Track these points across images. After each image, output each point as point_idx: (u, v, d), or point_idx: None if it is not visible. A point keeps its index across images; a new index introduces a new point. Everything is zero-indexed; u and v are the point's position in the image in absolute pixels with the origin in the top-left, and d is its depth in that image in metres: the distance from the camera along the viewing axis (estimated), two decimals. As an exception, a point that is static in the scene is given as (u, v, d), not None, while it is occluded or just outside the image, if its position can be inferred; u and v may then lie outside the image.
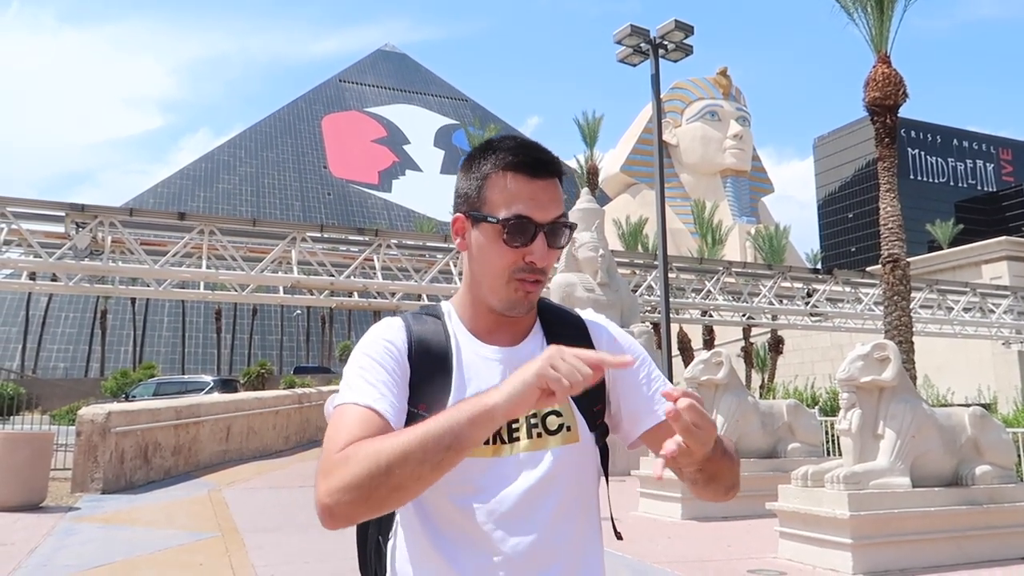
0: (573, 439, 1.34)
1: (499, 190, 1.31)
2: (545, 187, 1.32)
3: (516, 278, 1.31)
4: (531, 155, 1.32)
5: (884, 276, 18.43)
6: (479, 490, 1.28)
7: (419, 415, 1.26)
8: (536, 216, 1.29)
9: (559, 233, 1.32)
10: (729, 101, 66.95)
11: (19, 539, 7.36)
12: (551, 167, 1.33)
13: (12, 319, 68.44)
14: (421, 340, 1.33)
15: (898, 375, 6.79)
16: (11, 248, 19.97)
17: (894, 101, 18.18)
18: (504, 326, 1.38)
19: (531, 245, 1.30)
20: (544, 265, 1.32)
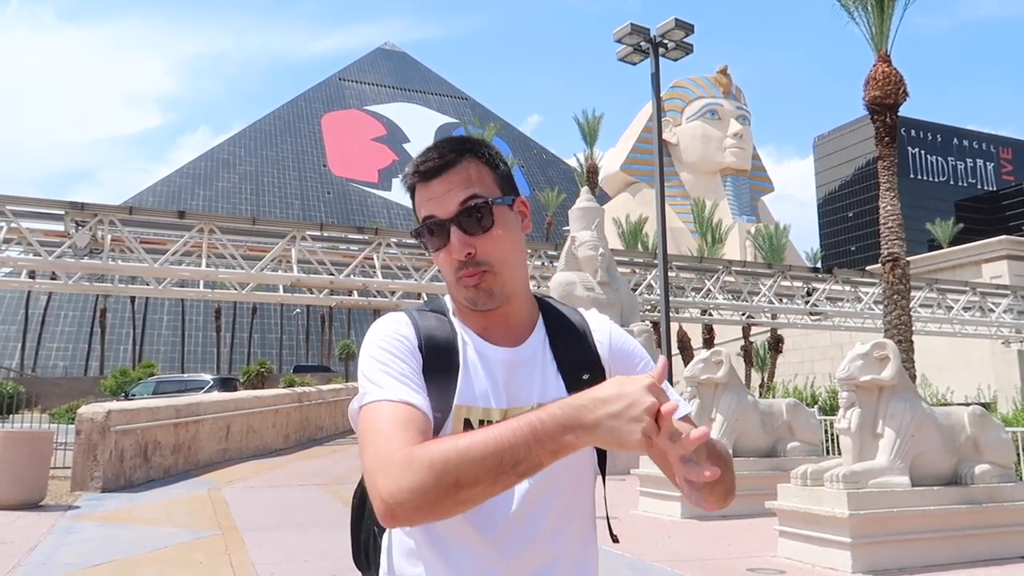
0: None
1: (416, 207, 1.34)
2: (441, 182, 1.29)
3: (458, 276, 1.30)
4: (418, 164, 1.32)
5: (884, 275, 18.44)
6: None
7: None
8: (439, 213, 1.28)
9: (473, 215, 1.28)
10: (729, 100, 66.94)
11: (19, 537, 7.36)
12: (441, 165, 1.30)
13: (11, 317, 68.44)
14: (429, 335, 1.31)
15: (897, 374, 6.79)
16: (11, 246, 19.98)
17: (894, 100, 18.18)
18: (494, 324, 1.35)
19: (449, 244, 1.28)
20: (468, 255, 1.28)
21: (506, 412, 1.30)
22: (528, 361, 1.35)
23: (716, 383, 9.55)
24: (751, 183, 67.29)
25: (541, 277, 23.79)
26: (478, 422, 1.29)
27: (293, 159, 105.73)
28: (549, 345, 1.38)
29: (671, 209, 57.77)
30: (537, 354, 1.36)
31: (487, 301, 1.30)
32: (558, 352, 1.37)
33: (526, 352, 1.35)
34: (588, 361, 1.38)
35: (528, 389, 1.33)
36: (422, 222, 1.31)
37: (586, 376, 1.34)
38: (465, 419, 1.28)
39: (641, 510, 9.42)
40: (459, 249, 1.27)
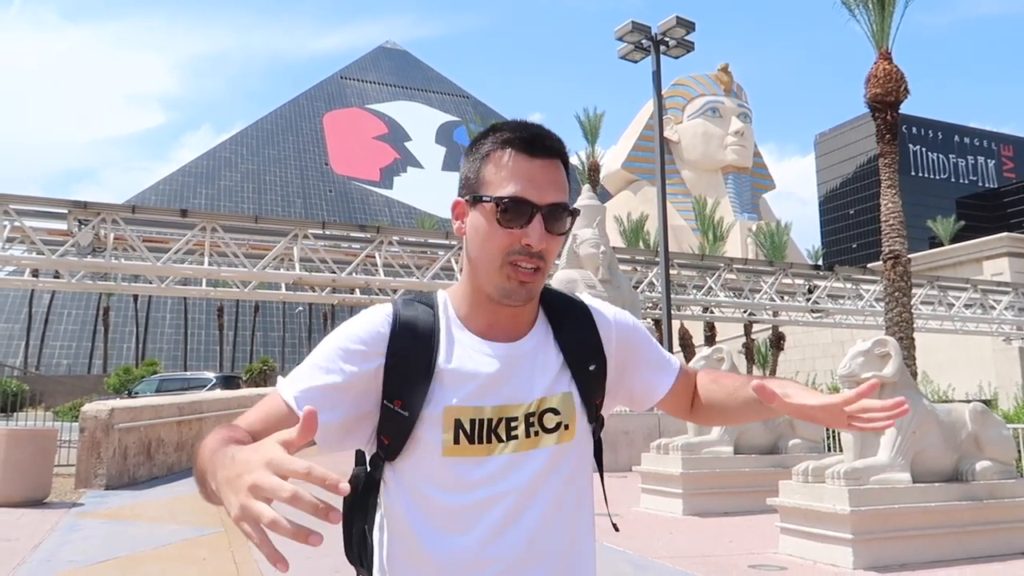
0: (569, 437, 1.31)
1: (495, 169, 1.26)
2: (544, 167, 1.26)
3: (510, 262, 1.25)
4: (530, 132, 1.27)
5: (885, 272, 18.44)
6: (472, 487, 1.25)
7: (396, 412, 1.25)
8: (533, 197, 1.24)
9: (559, 218, 1.26)
10: (730, 97, 66.88)
11: (23, 535, 7.40)
12: (551, 147, 1.27)
13: (15, 316, 68.55)
14: (406, 328, 1.28)
15: (899, 371, 6.81)
16: (14, 245, 20.02)
17: (895, 97, 18.17)
18: (503, 319, 1.32)
19: (527, 227, 1.23)
20: (541, 249, 1.25)
21: (501, 409, 1.28)
22: (528, 355, 1.32)
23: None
24: (752, 181, 67.26)
25: (543, 275, 23.80)
26: (469, 422, 1.26)
27: (295, 158, 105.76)
28: (553, 335, 1.36)
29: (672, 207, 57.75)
30: (539, 347, 1.34)
31: (523, 298, 1.28)
32: (562, 340, 1.35)
33: (526, 346, 1.32)
34: (593, 350, 1.37)
35: (528, 385, 1.30)
36: (509, 196, 1.23)
37: (592, 366, 1.35)
38: (456, 419, 1.26)
39: (643, 507, 9.45)
40: (542, 240, 1.24)
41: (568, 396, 1.32)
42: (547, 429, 1.30)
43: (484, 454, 1.26)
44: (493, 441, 1.27)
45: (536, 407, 1.30)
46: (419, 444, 1.26)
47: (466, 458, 1.25)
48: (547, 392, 1.31)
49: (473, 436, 1.26)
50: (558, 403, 1.31)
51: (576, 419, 1.32)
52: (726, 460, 9.25)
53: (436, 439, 1.25)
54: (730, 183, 65.28)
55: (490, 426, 1.27)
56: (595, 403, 1.36)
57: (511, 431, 1.28)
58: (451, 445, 1.25)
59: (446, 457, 1.25)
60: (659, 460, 9.48)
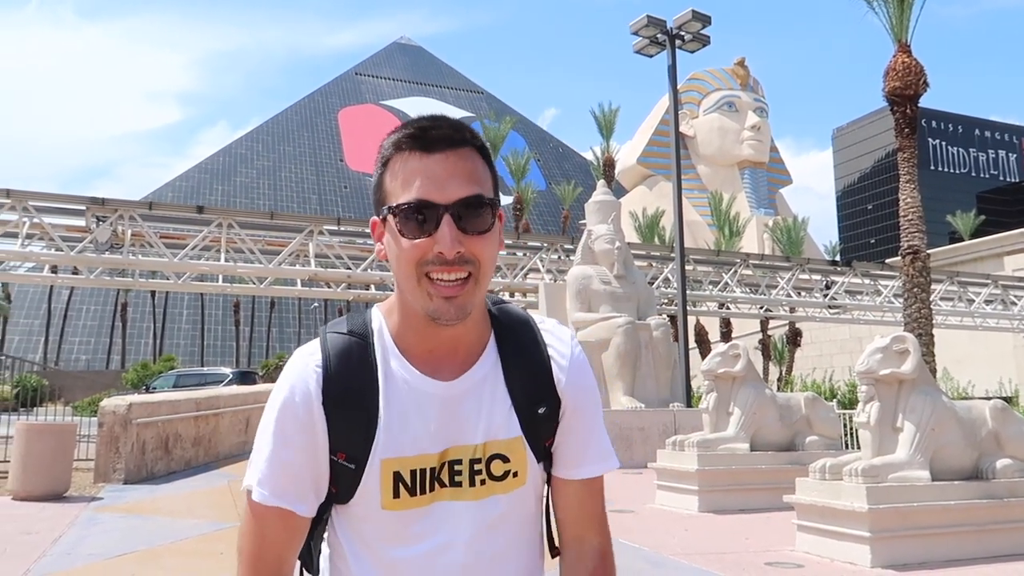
0: (519, 484, 1.21)
1: (391, 176, 1.13)
2: (444, 160, 1.11)
3: (426, 274, 1.10)
4: (420, 125, 1.14)
5: (904, 268, 18.26)
6: (415, 538, 1.16)
7: (340, 464, 1.15)
8: (434, 196, 1.09)
9: (476, 214, 1.10)
10: (747, 92, 66.39)
11: (44, 528, 7.48)
12: (450, 136, 1.13)
13: (35, 312, 69.34)
14: (338, 378, 1.15)
15: (917, 368, 6.73)
16: (33, 242, 20.23)
17: (914, 91, 17.96)
18: (444, 342, 1.17)
19: (435, 233, 1.08)
20: (459, 254, 1.09)
21: (444, 454, 1.17)
22: (474, 391, 1.19)
23: (734, 377, 9.50)
24: (769, 176, 66.74)
25: (558, 271, 23.78)
26: (409, 472, 1.15)
27: (310, 154, 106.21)
28: (501, 369, 1.21)
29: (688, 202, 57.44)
30: (487, 381, 1.20)
31: (455, 315, 1.11)
32: (511, 378, 1.21)
33: (470, 381, 1.19)
34: (544, 391, 1.22)
35: (473, 425, 1.18)
36: (406, 202, 1.09)
37: (542, 409, 1.21)
38: (395, 472, 1.15)
39: (658, 503, 9.42)
40: (450, 245, 1.08)
41: (518, 441, 1.20)
42: (495, 477, 1.19)
43: (427, 503, 1.17)
44: (436, 488, 1.17)
45: (482, 452, 1.18)
46: (363, 493, 1.16)
47: (408, 510, 1.16)
48: (494, 435, 1.19)
49: (414, 487, 1.16)
50: (506, 448, 1.19)
51: (527, 465, 1.21)
52: (742, 457, 9.20)
53: (375, 492, 1.15)
54: (746, 178, 64.82)
55: (433, 474, 1.16)
56: (544, 445, 1.24)
57: (454, 476, 1.17)
58: (390, 499, 1.15)
59: (386, 510, 1.16)
60: (675, 457, 9.44)
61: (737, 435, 9.33)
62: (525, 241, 26.49)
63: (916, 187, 17.95)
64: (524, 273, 24.35)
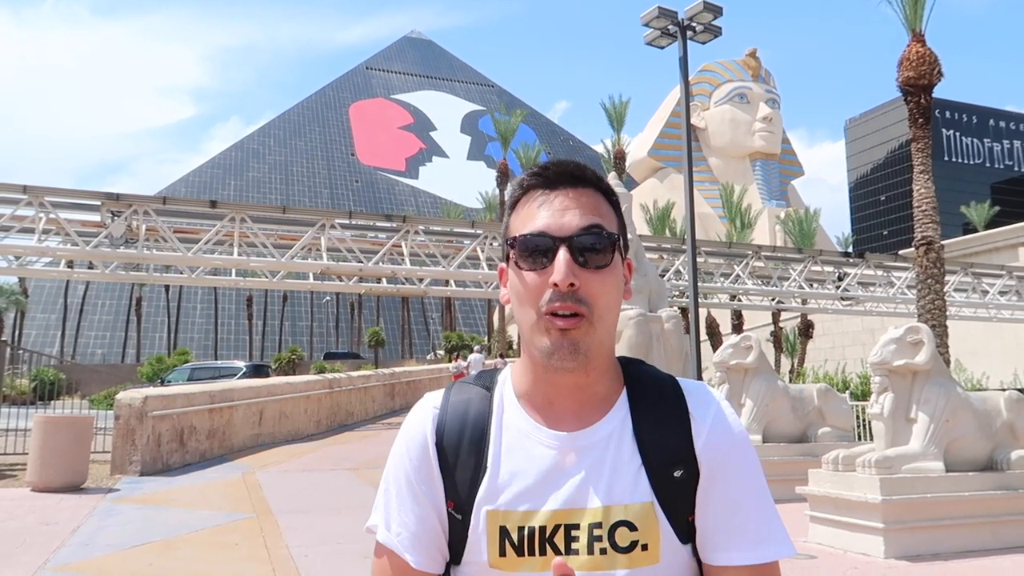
0: (650, 560, 1.05)
1: (517, 216, 1.12)
2: (565, 195, 1.09)
3: (546, 312, 1.05)
4: (548, 167, 1.12)
5: (917, 259, 18.14)
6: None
7: (450, 514, 1.11)
8: (552, 229, 1.06)
9: (594, 247, 1.06)
10: (758, 83, 66.03)
11: (62, 519, 7.58)
12: (574, 174, 1.11)
13: (51, 306, 69.96)
14: (452, 424, 1.13)
15: (932, 359, 6.71)
16: (49, 237, 20.41)
17: (928, 81, 17.82)
18: (564, 393, 1.10)
19: (550, 266, 1.05)
20: (571, 286, 1.04)
21: (556, 515, 1.06)
22: (597, 448, 1.08)
23: (746, 368, 9.50)
24: (781, 167, 66.43)
25: (569, 264, 23.77)
26: (516, 530, 1.06)
27: (322, 148, 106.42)
28: (633, 428, 1.09)
29: (699, 194, 57.22)
30: (613, 438, 1.09)
31: (569, 357, 1.05)
32: (642, 435, 1.09)
33: (595, 436, 1.09)
34: (682, 452, 1.08)
35: (595, 486, 1.06)
36: (520, 235, 1.08)
37: (679, 472, 1.07)
38: (501, 527, 1.07)
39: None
40: (564, 275, 1.03)
41: (649, 507, 1.05)
42: (619, 548, 1.04)
43: (538, 568, 1.05)
44: (549, 553, 1.05)
45: (603, 517, 1.05)
46: (471, 549, 1.10)
47: (517, 573, 1.06)
48: (619, 500, 1.06)
49: (522, 547, 1.06)
50: (634, 516, 1.05)
51: (660, 539, 1.05)
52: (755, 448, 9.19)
53: (483, 547, 1.08)
54: (758, 170, 64.54)
55: (543, 535, 1.05)
56: (686, 520, 1.08)
57: (570, 543, 1.05)
58: (496, 557, 1.07)
59: (494, 569, 1.07)
60: None
61: (749, 427, 9.32)
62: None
63: (930, 178, 17.82)
64: (535, 266, 24.33)
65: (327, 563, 6.04)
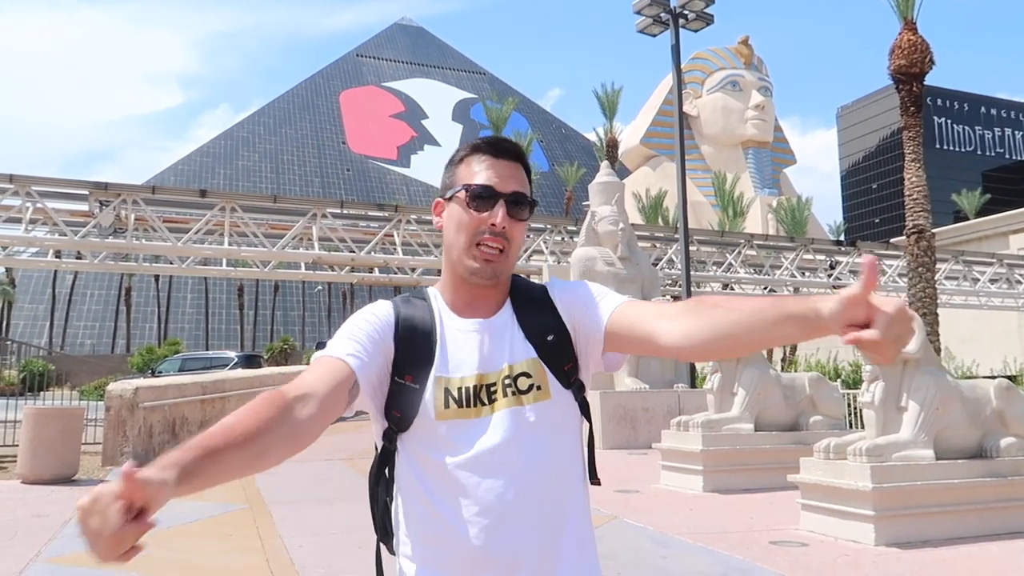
0: (544, 397, 1.48)
1: (466, 168, 1.53)
2: (507, 165, 1.52)
3: (477, 243, 1.48)
4: (496, 140, 1.55)
5: (908, 247, 18.22)
6: (467, 445, 1.43)
7: (406, 385, 1.46)
8: (497, 186, 1.49)
9: (520, 205, 1.51)
10: (751, 71, 65.87)
11: (54, 511, 7.55)
12: (513, 150, 1.54)
13: (39, 296, 69.56)
14: (407, 318, 1.52)
15: (922, 347, 6.73)
16: (37, 227, 20.26)
17: (920, 69, 17.83)
18: (478, 299, 1.54)
19: (492, 210, 1.48)
20: (503, 228, 1.48)
21: (480, 377, 1.48)
22: (499, 329, 1.53)
23: (737, 357, 9.51)
24: (773, 155, 66.36)
25: (561, 252, 23.76)
26: (456, 389, 1.47)
27: (312, 137, 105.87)
28: (515, 314, 1.55)
29: (692, 183, 57.17)
30: (507, 324, 1.54)
31: (488, 277, 1.50)
32: (523, 321, 1.54)
33: (497, 322, 1.53)
34: (549, 324, 1.54)
35: (499, 354, 1.50)
36: (476, 185, 1.49)
37: (550, 337, 1.52)
38: (444, 387, 1.47)
39: (663, 484, 9.46)
40: (501, 219, 1.47)
41: (535, 361, 1.49)
42: (522, 391, 1.47)
43: (473, 416, 1.45)
44: (478, 405, 1.46)
45: (509, 371, 1.48)
46: (422, 410, 1.45)
47: (457, 420, 1.45)
48: (516, 359, 1.49)
49: (461, 400, 1.46)
50: (528, 367, 1.49)
51: (548, 381, 1.49)
52: (746, 437, 9.23)
53: (430, 405, 1.45)
54: (750, 158, 64.49)
55: (475, 392, 1.46)
56: (563, 368, 1.51)
57: (491, 395, 1.47)
58: (442, 409, 1.45)
59: (440, 420, 1.44)
60: (679, 437, 9.47)
61: (741, 415, 9.36)
62: (529, 223, 26.45)
63: (921, 166, 17.86)
64: (528, 255, 24.33)
65: (321, 553, 6.04)
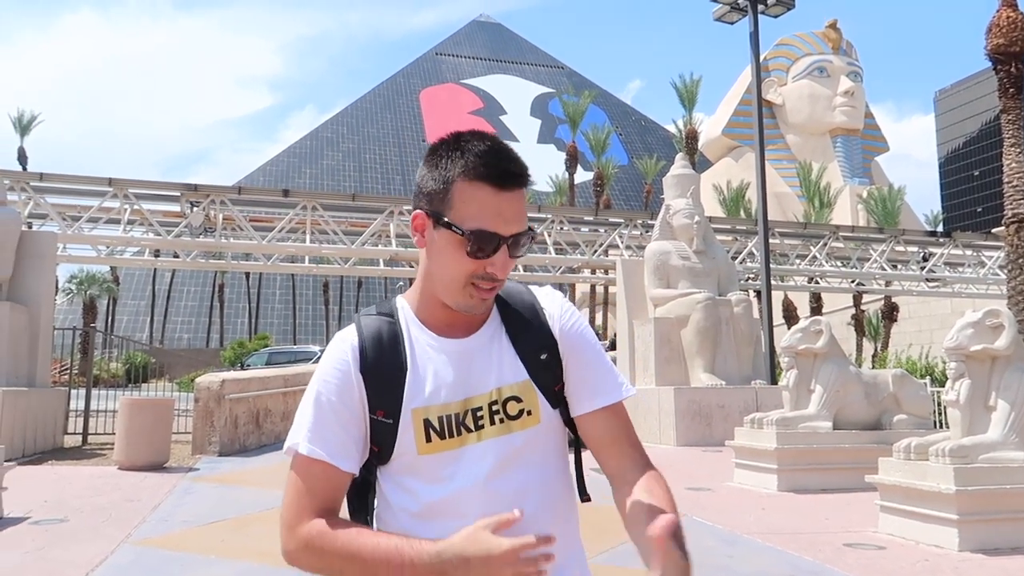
0: (533, 423, 1.37)
1: (465, 199, 1.30)
2: (511, 199, 1.31)
3: (472, 283, 1.31)
4: (500, 166, 1.31)
5: (1007, 238, 17.20)
6: (450, 478, 1.33)
7: (380, 421, 1.33)
8: (500, 230, 1.30)
9: (521, 244, 1.34)
10: (839, 56, 63.36)
11: (145, 496, 7.99)
12: (519, 179, 1.33)
13: (140, 293, 73.41)
14: (372, 348, 1.36)
15: (1012, 343, 6.36)
16: (134, 227, 21.41)
17: (1020, 48, 16.78)
18: (459, 318, 1.38)
19: (493, 257, 1.30)
20: (504, 276, 1.34)
21: (465, 402, 1.34)
22: (485, 347, 1.39)
23: (815, 353, 9.21)
24: (863, 143, 63.71)
25: (637, 247, 23.49)
26: (437, 419, 1.33)
27: (393, 135, 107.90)
28: (505, 328, 1.41)
29: (776, 173, 55.50)
30: (494, 338, 1.40)
31: (481, 310, 1.36)
32: (513, 335, 1.40)
33: (481, 339, 1.39)
34: (543, 340, 1.41)
35: (485, 375, 1.37)
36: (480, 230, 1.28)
37: (544, 355, 1.40)
38: (424, 419, 1.33)
39: (736, 482, 9.26)
40: (504, 268, 1.32)
41: (527, 384, 1.37)
42: (511, 416, 1.36)
43: (457, 446, 1.34)
44: (464, 433, 1.34)
45: (497, 396, 1.36)
46: (401, 445, 1.34)
47: (441, 453, 1.33)
48: (505, 381, 1.37)
49: (443, 432, 1.33)
50: (518, 391, 1.37)
51: (539, 405, 1.38)
52: (824, 435, 8.92)
53: (410, 441, 1.33)
54: (839, 146, 62.09)
55: (458, 420, 1.34)
56: (554, 390, 1.40)
57: (478, 421, 1.35)
58: (424, 444, 1.33)
59: (422, 455, 1.33)
60: (753, 435, 9.24)
61: (819, 413, 9.05)
62: (605, 217, 26.25)
63: (1022, 151, 16.83)
64: (604, 249, 24.16)
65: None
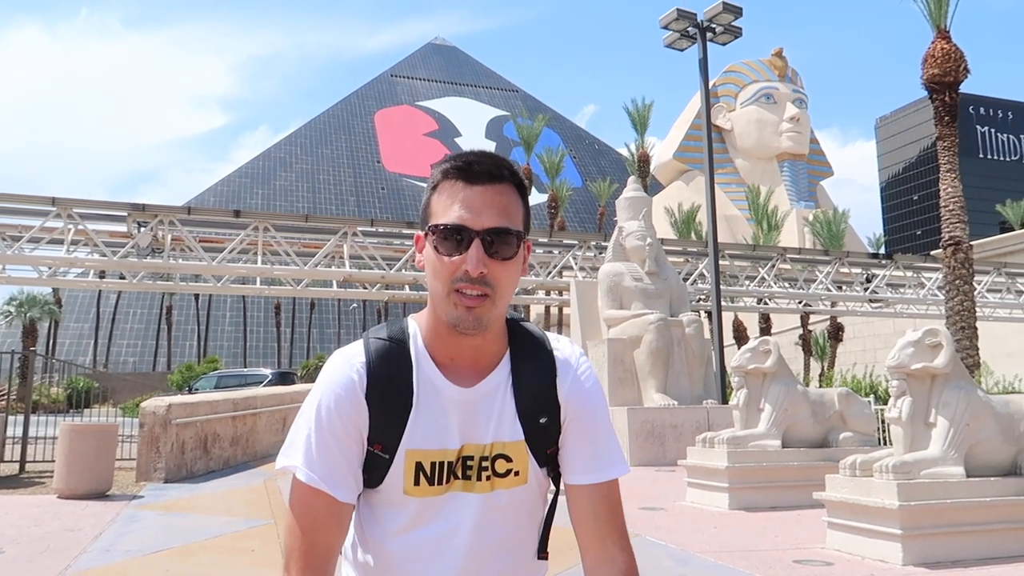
0: (520, 483, 1.35)
1: (441, 200, 1.29)
2: (483, 192, 1.26)
3: (455, 289, 1.25)
4: (468, 160, 1.29)
5: (945, 260, 17.83)
6: (429, 522, 1.32)
7: (376, 454, 1.30)
8: (468, 222, 1.24)
9: (503, 242, 1.26)
10: (785, 83, 65.33)
11: (86, 525, 7.71)
12: (491, 172, 1.28)
13: (84, 315, 71.32)
14: (380, 376, 1.30)
15: (951, 362, 6.58)
16: (79, 248, 20.84)
17: (954, 78, 17.53)
18: (465, 351, 1.33)
19: (465, 253, 1.24)
20: (482, 275, 1.24)
21: (461, 450, 1.32)
22: (487, 398, 1.34)
23: (764, 373, 9.39)
24: (809, 168, 65.59)
25: (591, 268, 23.72)
26: (430, 464, 1.30)
27: (348, 156, 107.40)
28: (512, 382, 1.35)
29: (726, 197, 56.77)
30: (499, 390, 1.35)
31: (473, 327, 1.27)
32: (519, 390, 1.35)
33: (485, 389, 1.33)
34: (547, 403, 1.36)
35: (484, 427, 1.33)
36: (444, 224, 1.25)
37: (543, 420, 1.35)
38: (417, 462, 1.30)
39: (688, 501, 9.35)
40: (476, 265, 1.23)
41: (520, 445, 1.34)
42: (499, 474, 1.34)
43: (442, 492, 1.32)
44: (451, 480, 1.32)
45: (489, 451, 1.33)
46: (389, 480, 1.32)
47: (425, 498, 1.31)
48: (501, 438, 1.34)
49: (433, 478, 1.31)
50: (511, 450, 1.34)
51: (528, 467, 1.36)
52: (773, 454, 9.08)
53: (399, 479, 1.31)
54: (786, 171, 63.80)
55: (450, 467, 1.32)
56: (546, 452, 1.38)
57: (467, 471, 1.33)
58: (411, 486, 1.31)
59: (407, 496, 1.31)
60: (705, 454, 9.36)
61: (768, 432, 9.21)
62: (560, 239, 26.46)
63: (957, 177, 17.52)
64: (558, 271, 24.33)
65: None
